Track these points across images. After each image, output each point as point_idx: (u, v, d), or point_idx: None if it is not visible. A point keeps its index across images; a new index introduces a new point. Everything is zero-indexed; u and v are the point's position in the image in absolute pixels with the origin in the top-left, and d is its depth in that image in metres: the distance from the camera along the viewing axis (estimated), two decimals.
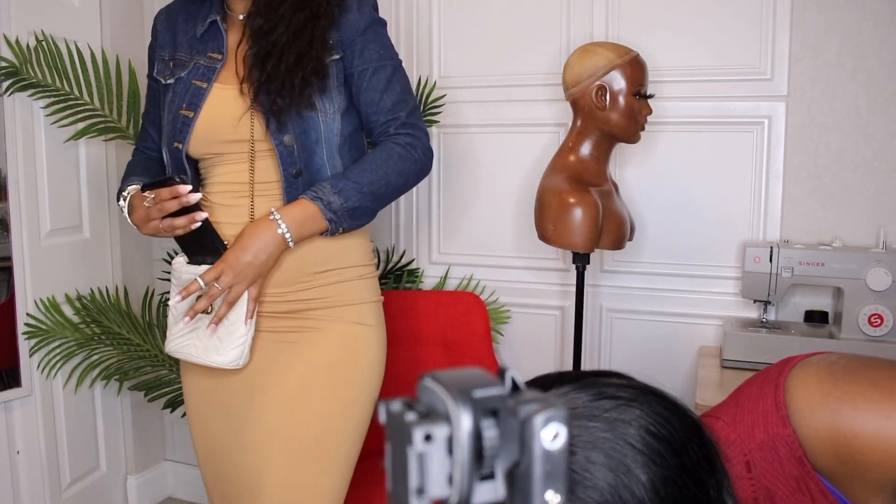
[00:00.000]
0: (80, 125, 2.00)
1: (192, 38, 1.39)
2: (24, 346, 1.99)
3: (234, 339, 1.32)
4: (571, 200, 1.57)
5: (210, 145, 1.37)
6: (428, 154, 1.42)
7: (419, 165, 1.39)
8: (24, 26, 1.92)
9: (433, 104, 2.05)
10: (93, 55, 2.01)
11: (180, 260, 1.36)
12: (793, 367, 0.83)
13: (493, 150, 2.11)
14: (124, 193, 1.41)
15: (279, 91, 1.29)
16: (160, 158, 1.48)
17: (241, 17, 1.39)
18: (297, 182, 1.34)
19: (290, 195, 1.34)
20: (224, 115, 1.34)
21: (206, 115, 1.35)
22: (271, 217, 1.30)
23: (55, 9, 2.03)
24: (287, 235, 1.30)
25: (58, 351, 2.04)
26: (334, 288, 1.39)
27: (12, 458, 2.01)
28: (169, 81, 1.39)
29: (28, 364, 2.01)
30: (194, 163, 1.43)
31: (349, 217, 1.33)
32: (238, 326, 1.31)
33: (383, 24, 1.44)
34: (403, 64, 2.16)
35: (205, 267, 1.31)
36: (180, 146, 1.37)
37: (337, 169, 1.36)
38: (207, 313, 1.33)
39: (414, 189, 2.20)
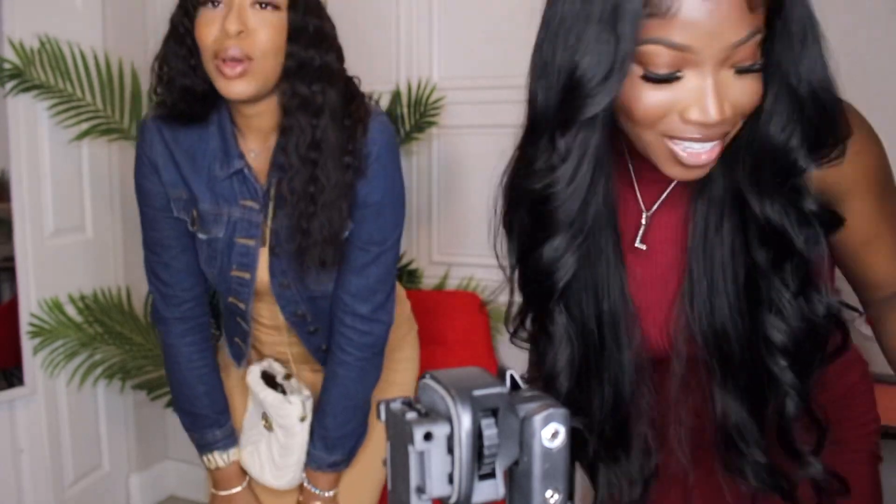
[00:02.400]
0: (84, 126, 2.01)
1: (212, 180, 1.17)
2: (27, 345, 2.00)
3: (288, 465, 1.29)
4: None
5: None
6: (382, 345, 1.29)
7: (375, 365, 1.29)
8: (27, 29, 1.93)
9: (433, 106, 2.05)
10: (95, 57, 2.01)
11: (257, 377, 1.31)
12: None
13: (492, 151, 2.10)
14: (218, 459, 1.31)
15: (317, 263, 1.15)
16: (207, 335, 1.32)
17: (253, 153, 1.18)
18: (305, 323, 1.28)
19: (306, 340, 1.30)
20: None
21: (263, 273, 1.22)
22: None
23: (58, 11, 2.04)
24: (330, 495, 1.31)
25: (61, 350, 2.04)
26: None
27: (16, 456, 2.02)
28: (201, 237, 1.20)
29: (31, 363, 2.02)
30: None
31: (353, 448, 1.31)
32: (293, 452, 1.28)
33: (394, 199, 1.24)
34: (403, 65, 2.18)
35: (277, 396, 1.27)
36: (243, 305, 1.24)
37: None
38: (269, 429, 1.30)
39: (414, 190, 2.21)
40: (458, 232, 2.18)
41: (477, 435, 0.36)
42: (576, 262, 0.77)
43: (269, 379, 1.31)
